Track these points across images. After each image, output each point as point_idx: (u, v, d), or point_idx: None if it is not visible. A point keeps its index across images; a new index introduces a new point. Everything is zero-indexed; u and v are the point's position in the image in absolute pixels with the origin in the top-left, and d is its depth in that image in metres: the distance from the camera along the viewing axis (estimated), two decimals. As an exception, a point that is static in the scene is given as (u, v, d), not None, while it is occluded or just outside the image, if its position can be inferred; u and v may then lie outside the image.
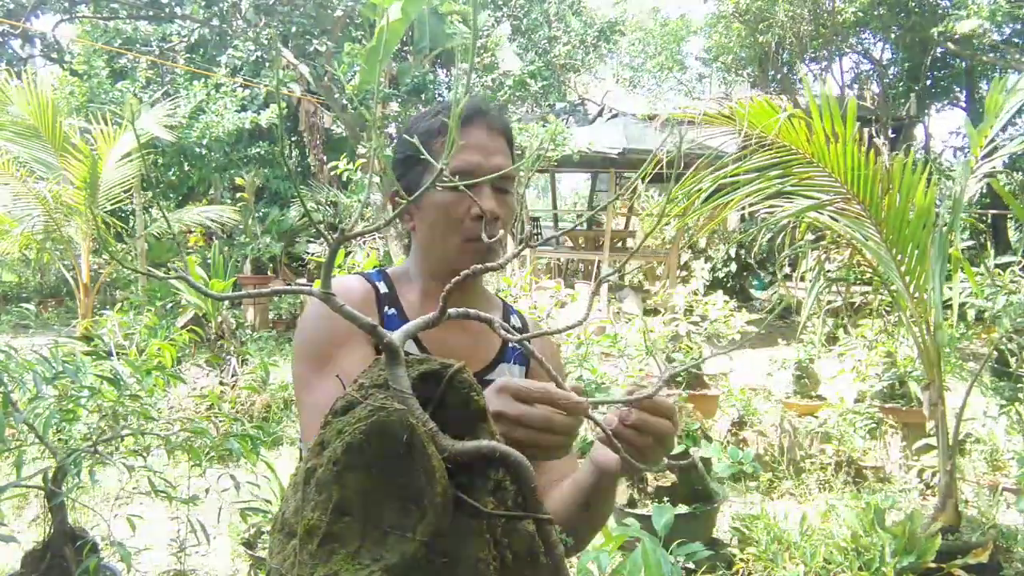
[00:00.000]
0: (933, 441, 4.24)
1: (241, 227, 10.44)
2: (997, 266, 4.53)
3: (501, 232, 1.14)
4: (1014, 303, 4.03)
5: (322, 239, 10.25)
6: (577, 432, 0.87)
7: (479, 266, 0.72)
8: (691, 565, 3.02)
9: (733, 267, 11.25)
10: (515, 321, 1.34)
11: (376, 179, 7.73)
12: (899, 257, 3.12)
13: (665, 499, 3.50)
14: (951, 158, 15.14)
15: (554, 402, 0.84)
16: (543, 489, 0.98)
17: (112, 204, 7.18)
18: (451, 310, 0.72)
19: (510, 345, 1.26)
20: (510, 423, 0.83)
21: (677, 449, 3.78)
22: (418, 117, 1.24)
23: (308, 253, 10.47)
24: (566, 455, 0.89)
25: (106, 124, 7.04)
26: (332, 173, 10.44)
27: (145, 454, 2.79)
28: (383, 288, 1.21)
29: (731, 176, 3.19)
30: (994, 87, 3.09)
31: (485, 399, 0.69)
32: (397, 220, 1.34)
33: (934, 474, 4.45)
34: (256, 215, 10.80)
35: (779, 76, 14.27)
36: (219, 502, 3.02)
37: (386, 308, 1.19)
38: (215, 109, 10.49)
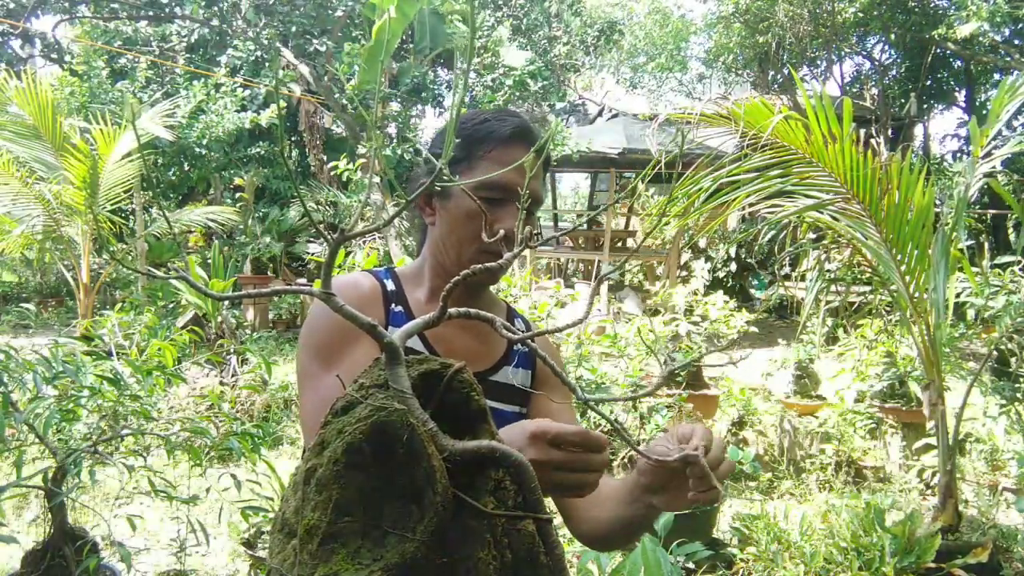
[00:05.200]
0: (933, 441, 4.24)
1: (241, 227, 10.44)
2: (997, 266, 4.53)
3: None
4: (1014, 303, 4.03)
5: (322, 239, 10.25)
6: (607, 465, 0.88)
7: (479, 266, 0.72)
8: (691, 565, 3.02)
9: (733, 267, 11.24)
10: (520, 325, 1.35)
11: (376, 179, 7.73)
12: (899, 257, 3.12)
13: (665, 499, 3.49)
14: (950, 159, 15.15)
15: (588, 444, 0.85)
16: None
17: (112, 204, 7.17)
18: (451, 309, 0.72)
19: (515, 347, 1.28)
20: (551, 468, 0.84)
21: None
22: (467, 117, 1.24)
23: (308, 253, 10.46)
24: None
25: (106, 124, 7.03)
26: (332, 173, 10.44)
27: (145, 454, 2.79)
28: (390, 286, 1.23)
29: (731, 176, 3.18)
30: (1002, 89, 3.10)
31: (508, 436, 0.69)
32: (402, 216, 1.37)
33: (934, 474, 4.45)
34: (256, 215, 10.79)
35: (779, 77, 14.26)
36: (219, 502, 3.02)
37: (393, 305, 1.21)
38: (215, 109, 10.48)
